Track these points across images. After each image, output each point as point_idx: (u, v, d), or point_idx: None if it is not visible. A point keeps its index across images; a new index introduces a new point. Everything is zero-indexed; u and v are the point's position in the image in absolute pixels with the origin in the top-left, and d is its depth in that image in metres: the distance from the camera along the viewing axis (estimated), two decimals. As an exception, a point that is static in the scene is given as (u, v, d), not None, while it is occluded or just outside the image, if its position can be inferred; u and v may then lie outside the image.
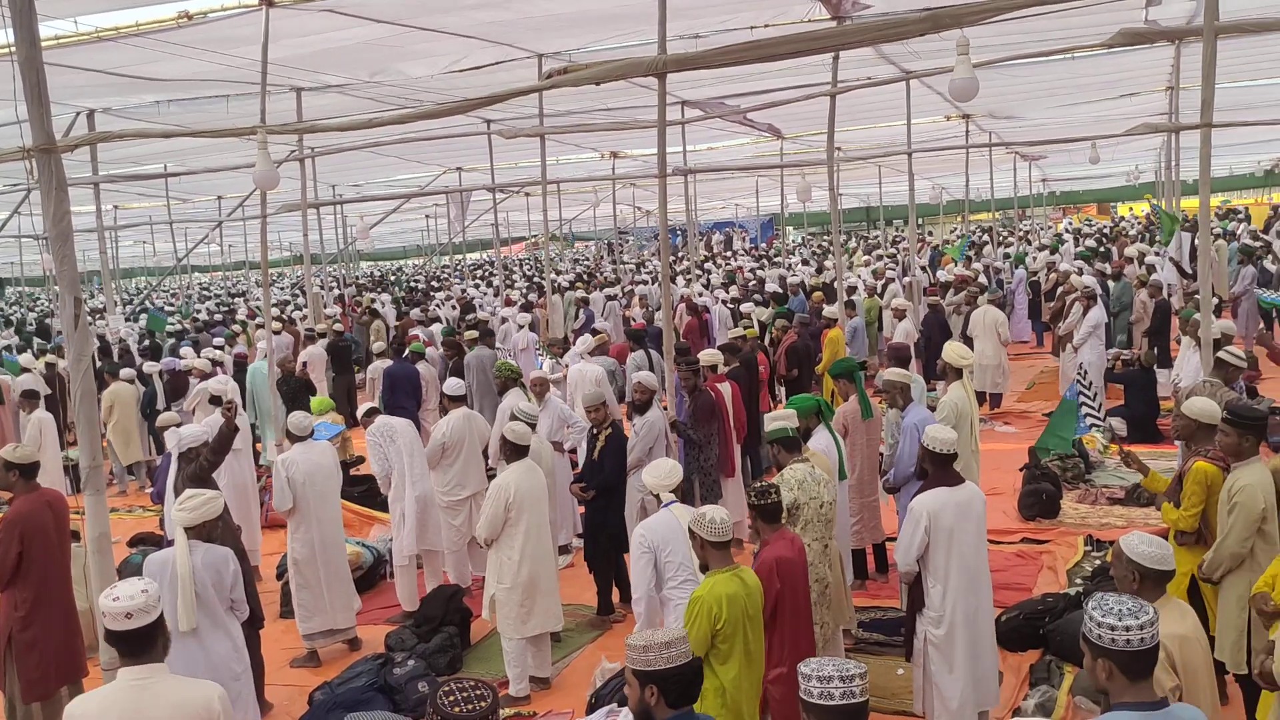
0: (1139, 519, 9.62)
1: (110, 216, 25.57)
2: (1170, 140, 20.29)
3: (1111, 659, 3.14)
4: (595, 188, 29.64)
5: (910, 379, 7.83)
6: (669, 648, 3.58)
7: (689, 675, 3.63)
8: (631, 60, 8.48)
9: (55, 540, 6.15)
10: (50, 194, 4.81)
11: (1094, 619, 3.16)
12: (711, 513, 4.85)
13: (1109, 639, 3.13)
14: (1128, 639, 3.10)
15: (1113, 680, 3.18)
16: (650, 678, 3.58)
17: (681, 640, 3.64)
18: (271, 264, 15.48)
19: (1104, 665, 3.17)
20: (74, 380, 4.92)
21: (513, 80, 13.20)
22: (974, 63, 8.58)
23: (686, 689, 3.62)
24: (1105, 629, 3.13)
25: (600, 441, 8.31)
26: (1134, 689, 3.16)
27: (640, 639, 3.63)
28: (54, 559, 6.16)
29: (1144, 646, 3.12)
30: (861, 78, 14.64)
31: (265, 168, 9.73)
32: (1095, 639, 3.16)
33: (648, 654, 3.58)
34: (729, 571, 4.82)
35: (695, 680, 3.68)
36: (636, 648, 3.61)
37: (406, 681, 6.90)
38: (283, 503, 7.70)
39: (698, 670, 3.70)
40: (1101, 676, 3.19)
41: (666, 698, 3.58)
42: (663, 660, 3.57)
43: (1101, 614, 3.15)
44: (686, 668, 3.61)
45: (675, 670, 3.58)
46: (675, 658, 3.58)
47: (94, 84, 13.45)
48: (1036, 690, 6.53)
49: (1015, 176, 30.20)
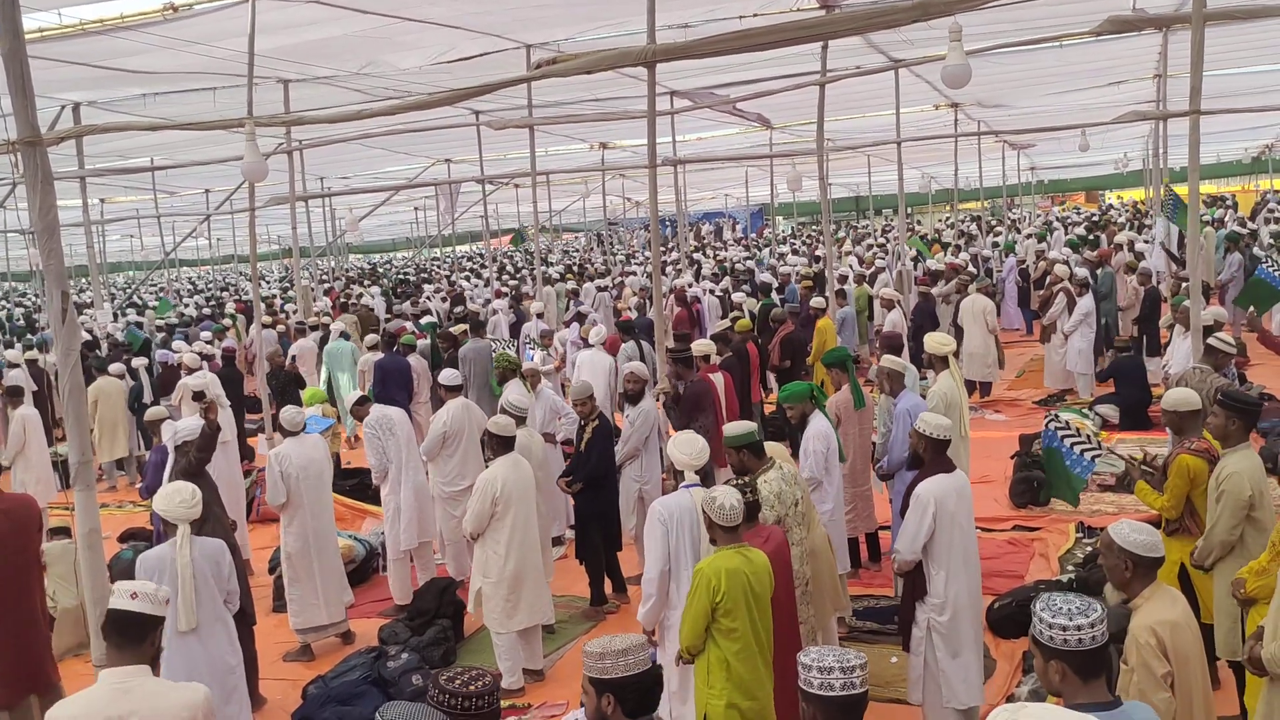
0: (1129, 506, 9.65)
1: (97, 210, 25.42)
2: (1158, 128, 20.33)
3: (1064, 660, 3.13)
4: (585, 179, 29.56)
5: (905, 367, 7.84)
6: (625, 655, 3.46)
7: (647, 683, 3.50)
8: (620, 50, 8.45)
9: (9, 548, 5.85)
10: (36, 187, 4.77)
11: (1044, 620, 3.14)
12: (723, 497, 4.84)
13: (1060, 640, 3.11)
14: (1079, 638, 3.09)
15: (1066, 682, 3.16)
16: (606, 686, 3.45)
17: (639, 648, 3.52)
18: (260, 257, 15.41)
19: (1056, 667, 3.15)
20: (63, 375, 4.89)
21: (501, 71, 13.11)
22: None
23: (644, 697, 3.50)
24: (1057, 629, 3.11)
25: (587, 434, 8.30)
26: (1087, 689, 3.15)
27: (597, 645, 3.51)
28: (5, 567, 5.87)
29: (1095, 645, 3.11)
30: (850, 67, 14.63)
31: (253, 159, 9.69)
32: (1047, 641, 3.14)
33: (603, 661, 3.45)
34: (734, 548, 4.83)
35: (654, 688, 3.55)
36: (593, 655, 3.48)
37: (400, 674, 6.89)
38: (276, 497, 7.69)
39: (657, 679, 3.56)
40: (1055, 679, 3.17)
41: (624, 706, 3.46)
42: (618, 668, 3.44)
43: (1051, 615, 3.13)
44: (644, 675, 3.49)
45: (632, 678, 3.45)
46: (632, 665, 3.46)
47: (79, 77, 13.36)
48: (1029, 677, 6.54)
49: (1004, 165, 30.21)
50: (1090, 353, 13.93)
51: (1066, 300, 13.97)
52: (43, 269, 4.88)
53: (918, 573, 5.61)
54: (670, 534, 5.52)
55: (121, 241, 40.92)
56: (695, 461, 5.74)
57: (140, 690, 3.69)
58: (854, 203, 50.54)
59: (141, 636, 3.74)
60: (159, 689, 3.79)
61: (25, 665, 6.03)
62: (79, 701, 3.76)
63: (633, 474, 8.72)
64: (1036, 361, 16.16)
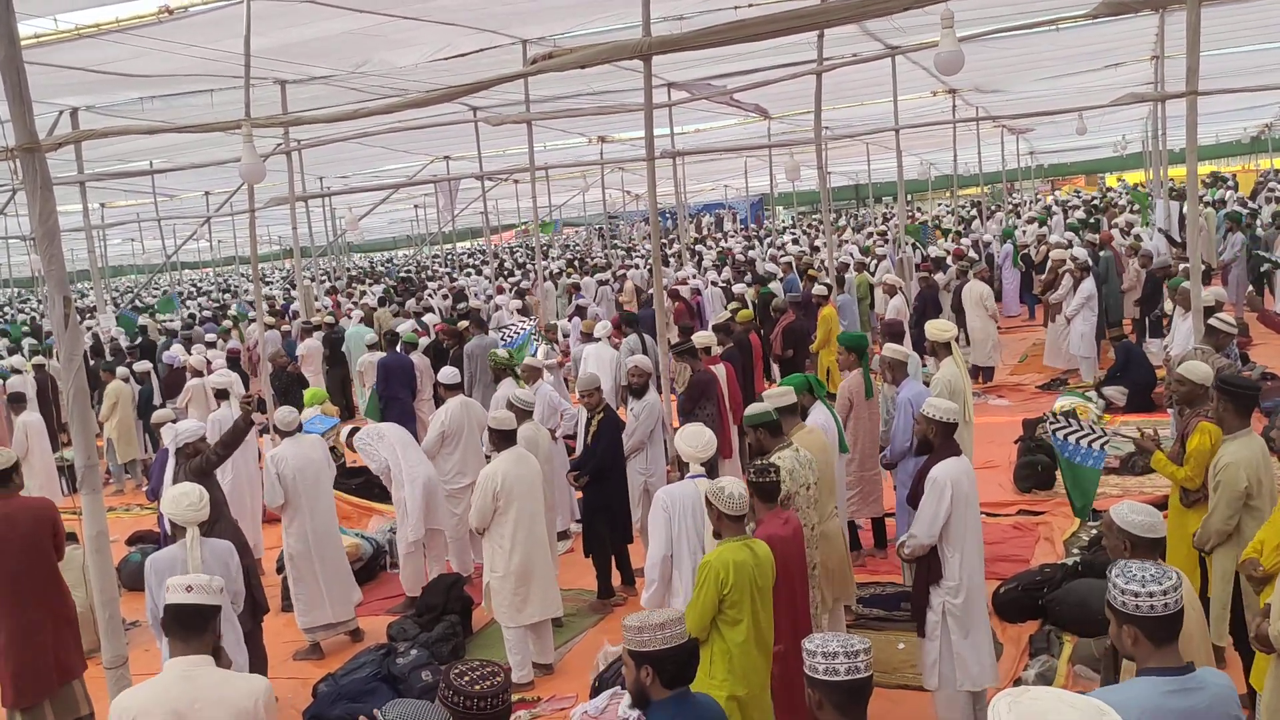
0: (1134, 488, 9.67)
1: (98, 215, 25.45)
2: (1156, 109, 20.29)
3: (1137, 625, 3.17)
4: (584, 173, 29.54)
5: (907, 355, 7.85)
6: (664, 628, 3.61)
7: (684, 656, 3.66)
8: (616, 43, 8.45)
9: (11, 551, 6.00)
10: (35, 193, 4.78)
11: (1118, 585, 3.19)
12: (730, 486, 4.86)
13: (1133, 605, 3.15)
14: (1151, 604, 3.13)
15: (1138, 646, 3.20)
16: (646, 658, 3.61)
17: (677, 621, 3.66)
18: (261, 258, 15.44)
19: (1129, 631, 3.19)
20: (66, 380, 4.90)
21: (498, 67, 13.13)
22: (958, 36, 8.56)
23: (682, 669, 3.66)
24: (1130, 595, 3.16)
25: (593, 426, 8.32)
26: (1159, 654, 3.18)
27: (636, 620, 3.66)
28: (6, 570, 6.01)
29: (1168, 611, 3.14)
30: (847, 55, 14.61)
31: (251, 161, 9.69)
32: (1120, 605, 3.19)
33: (642, 635, 3.61)
34: (740, 540, 4.85)
35: (690, 661, 3.70)
36: (632, 628, 3.64)
37: (410, 671, 6.92)
38: (274, 498, 7.72)
39: (693, 651, 3.72)
40: (1128, 643, 3.22)
41: (662, 678, 3.62)
42: (658, 641, 3.60)
43: (1125, 580, 3.18)
44: (682, 649, 3.64)
45: (670, 651, 3.61)
46: (670, 638, 3.61)
47: (76, 82, 13.36)
48: (1036, 660, 6.57)
49: (1003, 150, 30.16)
50: (1092, 336, 13.93)
51: (1072, 282, 13.96)
52: (44, 274, 4.89)
53: (931, 556, 5.60)
54: (673, 521, 5.57)
55: (122, 245, 40.97)
56: (702, 454, 5.77)
57: (204, 679, 3.73)
58: (854, 191, 50.50)
59: (202, 627, 3.78)
60: (222, 678, 3.84)
61: (34, 670, 6.07)
62: (145, 690, 3.80)
63: (638, 467, 8.74)
64: (1038, 346, 16.15)
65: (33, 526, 6.17)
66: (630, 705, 3.81)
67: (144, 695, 3.76)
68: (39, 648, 6.07)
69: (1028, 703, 2.40)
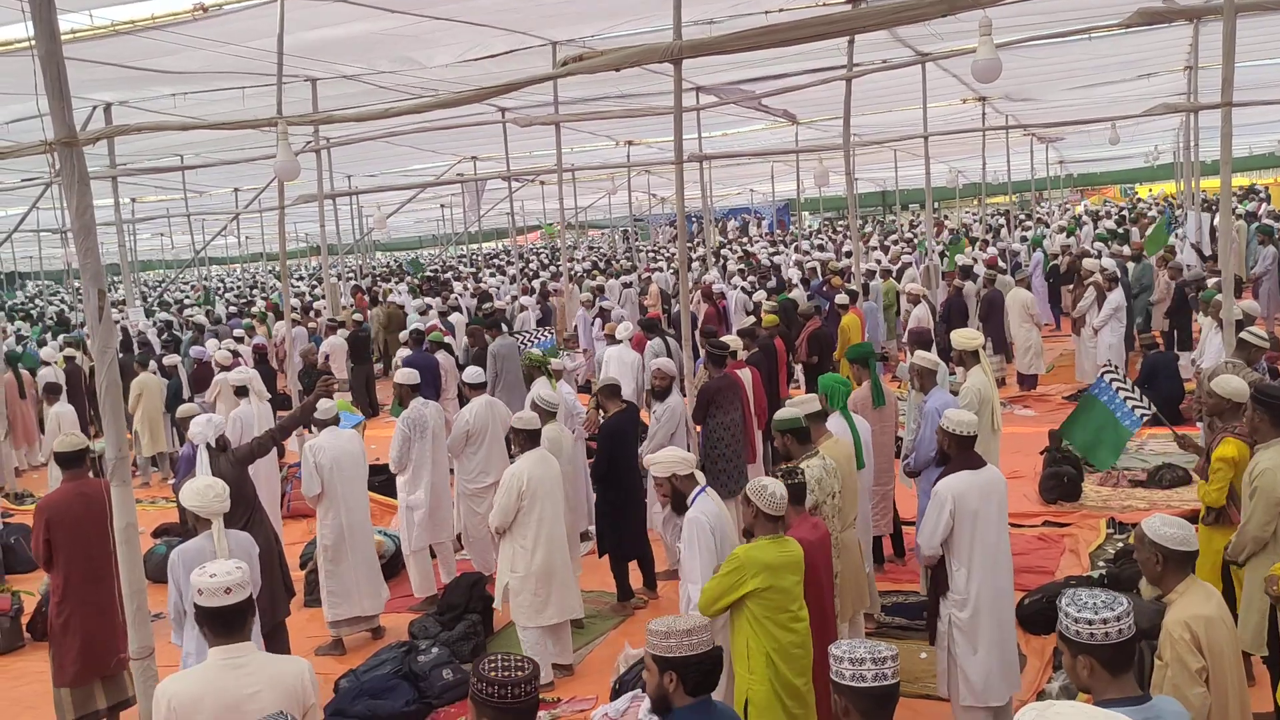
0: (1161, 501, 9.58)
1: (128, 210, 25.68)
2: (1189, 120, 20.12)
3: (1093, 654, 3.11)
4: (611, 175, 29.59)
5: (936, 363, 7.80)
6: (690, 635, 3.57)
7: (709, 664, 3.60)
8: (647, 46, 8.44)
9: (86, 530, 6.15)
10: (73, 187, 4.82)
11: (1070, 615, 3.13)
12: (772, 485, 4.84)
13: (1088, 634, 3.10)
14: (1106, 632, 3.08)
15: (1094, 677, 3.14)
16: (670, 664, 3.56)
17: (703, 629, 3.62)
18: (289, 255, 15.54)
19: (1084, 662, 3.13)
20: (99, 372, 4.94)
21: (527, 68, 13.17)
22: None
23: (706, 677, 3.61)
24: (1083, 624, 3.10)
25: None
26: (1116, 684, 3.13)
27: (662, 624, 3.62)
28: (81, 549, 6.20)
29: (1123, 639, 3.09)
30: (877, 61, 14.56)
31: (285, 158, 9.77)
32: (1073, 635, 3.13)
33: (668, 640, 3.56)
34: (772, 539, 4.81)
35: (715, 669, 3.65)
36: (658, 633, 3.59)
37: (431, 669, 6.95)
38: (311, 488, 7.75)
39: (717, 659, 3.66)
40: (1083, 674, 3.16)
41: (685, 685, 3.57)
42: (683, 647, 3.55)
43: (1077, 609, 3.12)
44: (706, 656, 3.59)
45: (695, 658, 3.56)
46: (696, 645, 3.56)
47: (111, 77, 13.51)
48: (1060, 673, 6.50)
49: (1032, 159, 29.97)
50: (1121, 348, 13.82)
51: (1096, 294, 13.86)
52: (80, 267, 4.93)
53: (942, 567, 5.60)
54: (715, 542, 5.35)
55: (152, 240, 41.30)
56: (682, 468, 5.60)
57: (253, 664, 3.76)
58: (880, 197, 50.29)
59: (245, 620, 3.80)
60: (270, 661, 3.87)
61: (100, 645, 6.25)
62: (193, 677, 3.81)
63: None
64: (1066, 357, 16.04)
65: (102, 507, 6.31)
66: (650, 710, 3.76)
67: (192, 683, 3.75)
68: (108, 625, 6.20)
69: (1053, 717, 2.39)
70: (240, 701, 3.66)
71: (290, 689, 3.75)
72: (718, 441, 8.90)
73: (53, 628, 6.35)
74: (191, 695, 3.68)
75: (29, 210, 21.08)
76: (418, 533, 8.67)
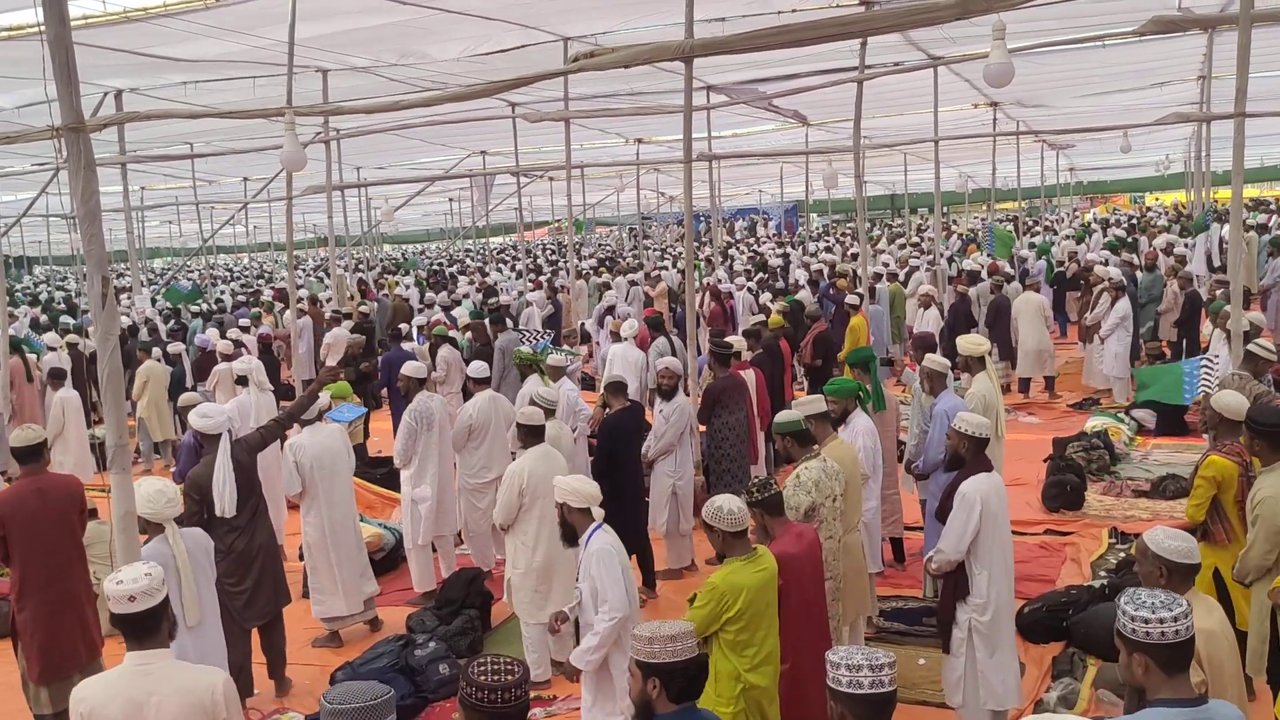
0: (1164, 512, 9.54)
1: (137, 197, 25.71)
2: (1201, 130, 20.06)
3: (1147, 653, 3.10)
4: (620, 173, 29.60)
5: (946, 366, 7.78)
6: (675, 641, 3.53)
7: (693, 670, 3.57)
8: (659, 44, 8.41)
9: (43, 527, 6.05)
10: (79, 173, 4.82)
11: (1127, 613, 3.12)
12: (724, 503, 4.74)
13: (1144, 632, 3.09)
14: (1162, 631, 3.07)
15: (1149, 675, 3.13)
16: (653, 670, 3.53)
17: (688, 634, 3.58)
18: (296, 245, 15.54)
19: (1140, 660, 3.12)
20: (101, 359, 4.94)
21: (538, 64, 13.16)
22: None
23: (691, 684, 3.57)
24: (1140, 622, 3.09)
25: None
26: (1171, 684, 3.11)
27: (646, 630, 3.58)
28: (39, 545, 6.06)
29: (1179, 639, 3.08)
30: (889, 63, 14.53)
31: (292, 149, 9.76)
32: (1129, 633, 3.13)
33: (652, 645, 3.52)
34: (746, 559, 4.74)
35: (699, 675, 3.62)
36: (641, 638, 3.55)
37: (428, 663, 6.94)
38: (292, 486, 7.72)
39: (703, 665, 3.64)
40: (1138, 672, 3.14)
41: (669, 692, 3.53)
42: (666, 653, 3.51)
43: (1135, 608, 3.11)
44: (691, 663, 3.55)
45: (679, 665, 3.52)
46: (679, 651, 3.52)
47: (122, 64, 13.51)
48: (1059, 683, 6.49)
49: (1042, 165, 29.91)
50: (1126, 357, 13.79)
51: (1111, 301, 13.82)
52: (84, 253, 4.92)
53: (959, 573, 5.54)
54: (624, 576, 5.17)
55: (160, 228, 41.37)
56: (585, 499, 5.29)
57: (161, 671, 3.73)
58: (889, 201, 50.25)
59: (155, 627, 3.76)
60: (179, 670, 3.84)
61: (62, 643, 6.13)
62: (100, 682, 3.82)
63: (666, 469, 8.73)
64: (1073, 364, 15.99)
65: (64, 502, 6.24)
66: (633, 716, 3.72)
67: (100, 687, 3.76)
68: (69, 622, 6.12)
69: (1052, 728, 2.37)
70: (145, 707, 3.66)
71: (197, 700, 3.72)
72: (722, 442, 8.91)
73: (16, 625, 6.17)
74: (100, 700, 3.69)
75: (38, 195, 21.12)
76: (424, 527, 8.63)
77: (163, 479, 5.61)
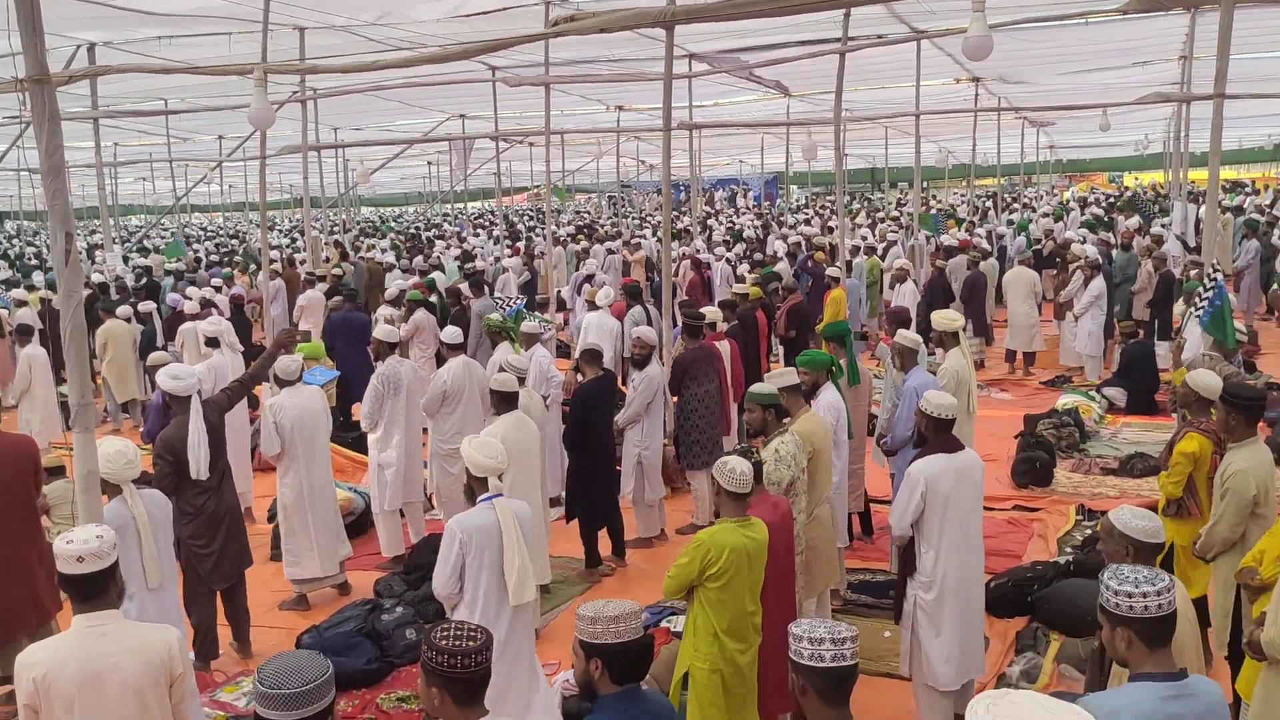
0: (1131, 490, 9.64)
1: (110, 153, 25.33)
2: (1181, 110, 20.09)
3: (1130, 627, 3.14)
4: (599, 139, 29.39)
5: (918, 343, 7.78)
6: (618, 622, 3.47)
7: (636, 651, 3.51)
8: (639, 9, 8.34)
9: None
10: (43, 125, 4.70)
11: (1110, 587, 3.16)
12: (735, 463, 4.77)
13: (1126, 606, 3.12)
14: (1145, 605, 3.10)
15: (1132, 649, 3.16)
16: (596, 650, 3.47)
17: (632, 616, 3.52)
18: (271, 206, 15.37)
19: (1123, 634, 3.16)
20: (64, 316, 4.85)
21: (518, 26, 13.00)
22: (988, 24, 8.43)
23: (633, 665, 3.52)
24: (1123, 597, 3.13)
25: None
26: (1153, 658, 3.15)
27: (590, 609, 3.52)
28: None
29: (1162, 613, 3.12)
30: (872, 36, 14.45)
31: (260, 106, 9.60)
32: (1113, 608, 3.16)
33: (595, 626, 3.47)
34: (736, 521, 4.79)
35: (644, 657, 3.56)
36: (585, 618, 3.50)
37: (395, 628, 6.93)
38: (270, 447, 7.68)
39: (647, 646, 3.57)
40: (1121, 647, 3.18)
41: (611, 673, 3.48)
42: (609, 634, 3.46)
43: (1118, 582, 3.15)
44: (634, 644, 3.50)
45: (621, 646, 3.47)
46: (623, 633, 3.47)
47: (94, 16, 13.23)
48: (1022, 657, 6.56)
49: (1023, 142, 29.93)
50: (1100, 335, 13.88)
51: (1084, 279, 13.88)
52: (48, 209, 4.82)
53: (910, 548, 5.61)
54: (468, 557, 5.06)
55: (134, 185, 40.82)
56: (497, 466, 5.20)
57: (114, 633, 3.69)
58: (869, 174, 50.22)
59: (103, 589, 3.71)
60: (133, 630, 3.80)
61: (14, 606, 6.04)
62: (51, 645, 3.76)
63: (634, 439, 8.73)
64: (1048, 341, 16.05)
65: (15, 463, 6.12)
66: (577, 697, 3.67)
67: (51, 651, 3.69)
68: (19, 585, 6.02)
69: (1006, 706, 2.37)
70: (102, 670, 3.61)
71: (155, 659, 3.70)
72: (691, 413, 8.91)
73: None
74: (53, 664, 3.62)
75: (9, 148, 20.79)
76: (390, 492, 8.61)
77: (124, 440, 5.53)
